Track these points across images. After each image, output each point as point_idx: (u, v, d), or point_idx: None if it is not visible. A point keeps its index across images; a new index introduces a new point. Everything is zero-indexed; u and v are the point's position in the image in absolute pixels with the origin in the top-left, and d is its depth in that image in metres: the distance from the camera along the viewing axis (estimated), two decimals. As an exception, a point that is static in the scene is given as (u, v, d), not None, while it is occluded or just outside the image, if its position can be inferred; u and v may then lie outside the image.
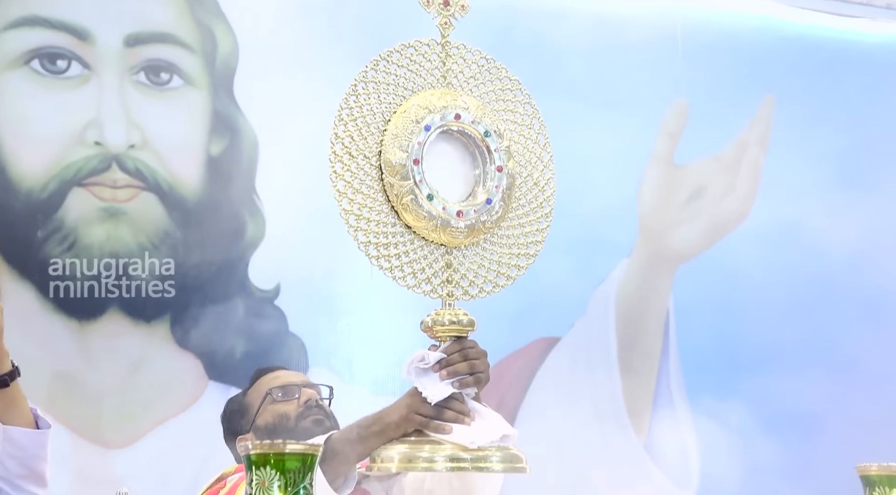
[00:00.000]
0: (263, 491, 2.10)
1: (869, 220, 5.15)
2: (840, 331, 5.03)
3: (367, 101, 2.51)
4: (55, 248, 4.17)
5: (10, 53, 4.22)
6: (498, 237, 2.61)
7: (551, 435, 4.52)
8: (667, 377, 4.89)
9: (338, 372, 3.91)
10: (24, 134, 4.19)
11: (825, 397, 4.91)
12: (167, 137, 4.35)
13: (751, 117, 5.16)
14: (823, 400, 4.91)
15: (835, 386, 4.95)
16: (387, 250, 2.49)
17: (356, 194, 2.48)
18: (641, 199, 4.99)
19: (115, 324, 4.22)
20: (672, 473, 4.82)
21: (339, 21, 4.47)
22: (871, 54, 5.35)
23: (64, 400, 4.09)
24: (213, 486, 3.11)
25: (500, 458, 2.52)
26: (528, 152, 2.66)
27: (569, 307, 4.77)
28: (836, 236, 5.08)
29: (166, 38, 4.39)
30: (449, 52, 2.59)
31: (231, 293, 4.35)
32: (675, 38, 5.02)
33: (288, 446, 2.12)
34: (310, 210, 3.81)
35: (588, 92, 4.74)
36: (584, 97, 4.70)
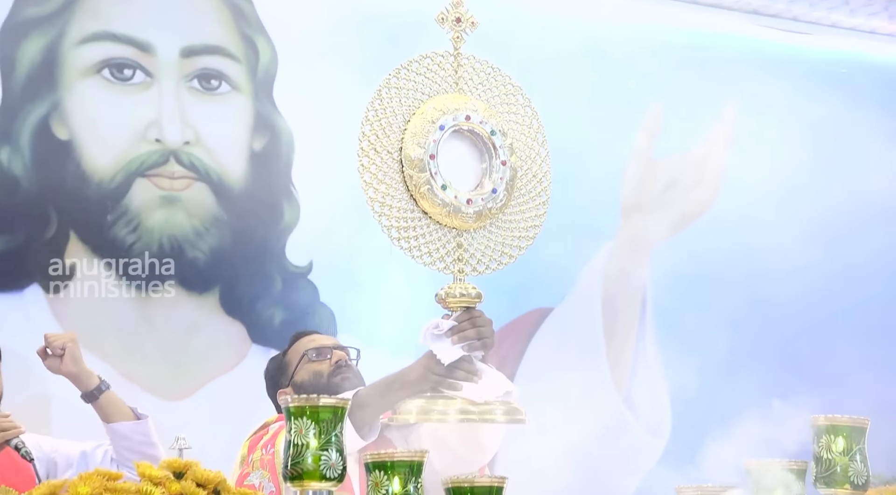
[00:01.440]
0: (301, 438, 2.11)
1: (818, 208, 5.14)
2: (787, 300, 5.02)
3: (390, 104, 2.53)
4: (122, 230, 4.17)
5: (85, 64, 4.21)
6: (502, 222, 2.63)
7: (544, 392, 4.50)
8: (644, 341, 4.89)
9: (362, 337, 3.90)
10: (95, 133, 4.18)
11: (775, 358, 4.92)
12: (216, 135, 4.34)
13: (717, 119, 5.14)
14: (773, 361, 4.91)
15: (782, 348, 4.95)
16: (406, 233, 2.51)
17: (380, 184, 2.50)
18: (623, 190, 4.98)
19: (172, 295, 4.22)
20: (648, 424, 4.82)
21: (365, 34, 4.46)
22: (819, 65, 5.33)
23: (130, 360, 4.10)
24: (257, 433, 3.11)
25: (503, 411, 2.56)
26: (527, 149, 2.67)
27: (561, 282, 4.76)
28: (790, 222, 5.08)
29: (216, 50, 4.38)
30: (460, 62, 2.61)
31: (270, 269, 4.35)
32: (654, 51, 5.01)
33: (321, 400, 2.14)
34: (339, 197, 3.80)
35: (577, 96, 4.72)
36: (574, 100, 4.67)
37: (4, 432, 3.00)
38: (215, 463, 2.15)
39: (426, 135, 2.52)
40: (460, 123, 2.56)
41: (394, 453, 2.17)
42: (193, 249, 4.26)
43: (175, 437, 2.29)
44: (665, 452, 4.76)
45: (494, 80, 2.65)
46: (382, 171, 2.49)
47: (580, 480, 4.52)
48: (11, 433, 3.01)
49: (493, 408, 2.55)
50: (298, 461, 2.10)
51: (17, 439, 3.03)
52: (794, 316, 5.04)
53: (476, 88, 2.62)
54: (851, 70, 5.37)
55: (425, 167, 2.50)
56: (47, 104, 4.15)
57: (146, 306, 4.19)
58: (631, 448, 4.75)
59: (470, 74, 2.62)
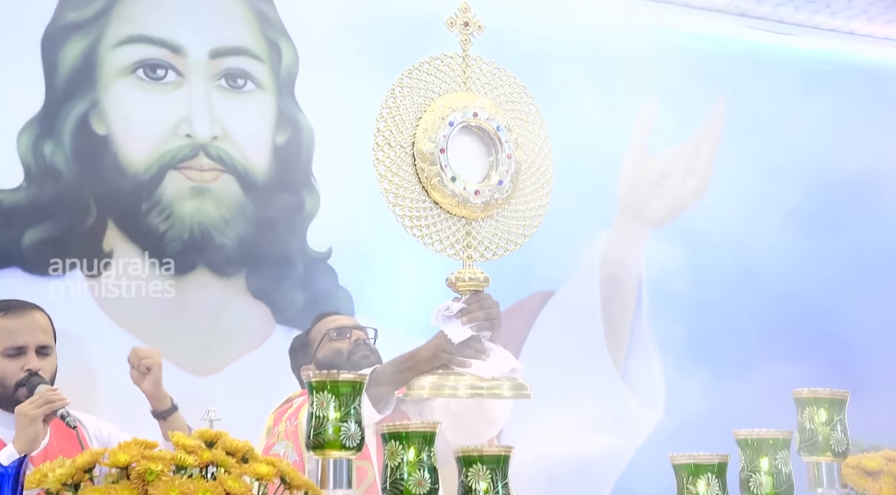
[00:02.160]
0: (322, 410, 2.13)
1: (800, 196, 5.15)
2: (772, 279, 5.02)
3: (403, 102, 2.54)
4: (156, 218, 4.17)
5: (121, 65, 4.21)
6: (508, 211, 2.63)
7: (548, 369, 4.51)
8: (640, 322, 4.88)
9: (378, 317, 3.91)
10: (131, 128, 4.18)
11: (760, 336, 4.92)
12: (242, 130, 4.34)
13: (707, 114, 5.13)
14: (758, 338, 4.91)
15: (767, 326, 4.95)
16: (419, 222, 2.52)
17: (394, 177, 2.50)
18: (620, 180, 4.97)
19: (202, 278, 4.22)
20: (643, 397, 4.80)
21: (379, 37, 4.45)
22: (802, 64, 5.32)
23: (164, 339, 4.08)
24: (282, 406, 3.14)
25: (509, 386, 2.57)
26: (531, 143, 2.68)
27: (562, 266, 4.75)
28: (774, 209, 5.08)
29: (242, 51, 4.38)
30: (468, 63, 2.62)
31: (292, 255, 4.34)
32: (648, 51, 4.99)
33: (341, 375, 2.16)
34: (356, 188, 3.81)
35: (577, 94, 4.70)
36: (575, 97, 4.66)
37: (51, 404, 3.00)
38: (243, 434, 2.15)
39: (437, 131, 2.52)
40: (468, 120, 2.57)
41: (409, 424, 2.18)
42: (221, 236, 4.25)
43: (206, 410, 2.29)
44: (658, 423, 4.74)
45: (500, 80, 2.66)
46: (396, 164, 2.50)
47: (580, 449, 4.56)
48: (58, 404, 3.01)
49: (500, 384, 2.55)
50: (320, 431, 2.11)
51: (63, 409, 3.03)
52: (777, 294, 5.04)
53: (483, 87, 2.63)
54: (833, 68, 5.36)
55: (436, 160, 2.51)
56: (87, 102, 4.15)
57: (178, 288, 4.18)
58: (627, 419, 4.74)
59: (477, 74, 2.63)
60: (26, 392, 3.09)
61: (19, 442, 2.95)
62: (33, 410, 2.98)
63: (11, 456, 2.84)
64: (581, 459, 4.60)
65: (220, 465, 2.01)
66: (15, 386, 3.12)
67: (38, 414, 2.98)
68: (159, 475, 1.94)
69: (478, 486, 2.11)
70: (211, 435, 2.08)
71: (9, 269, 3.97)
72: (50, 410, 3.00)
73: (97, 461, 2.00)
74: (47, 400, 3.00)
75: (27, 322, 3.19)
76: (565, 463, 4.54)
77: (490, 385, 2.54)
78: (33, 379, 3.11)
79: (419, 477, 2.12)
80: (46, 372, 3.16)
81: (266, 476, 2.04)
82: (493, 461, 2.14)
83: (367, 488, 2.89)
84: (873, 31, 5.41)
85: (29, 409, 2.98)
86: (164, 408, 3.31)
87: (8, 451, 2.91)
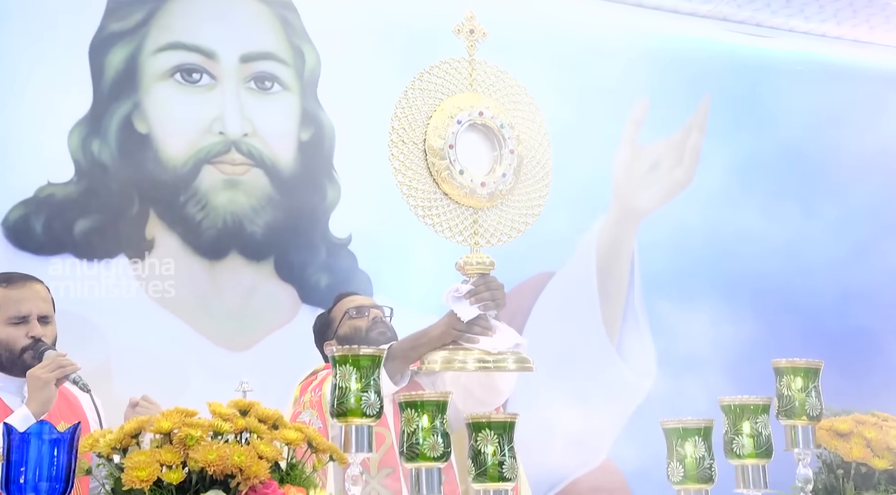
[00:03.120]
0: (344, 382, 2.14)
1: (777, 184, 5.14)
2: (753, 260, 5.02)
3: (415, 102, 2.55)
4: (192, 209, 4.17)
5: (160, 70, 4.22)
6: (511, 201, 2.64)
7: (549, 344, 4.52)
8: (632, 300, 4.88)
9: (394, 297, 3.88)
10: (170, 127, 4.19)
11: (739, 310, 4.91)
12: (270, 128, 4.33)
13: (693, 110, 5.12)
14: (743, 309, 4.90)
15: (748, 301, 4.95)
16: (430, 211, 2.53)
17: (407, 170, 2.51)
18: (614, 171, 4.95)
19: (235, 263, 4.22)
20: (636, 369, 4.81)
21: (394, 42, 4.44)
22: (778, 63, 5.30)
23: (201, 318, 4.12)
24: (307, 378, 3.15)
25: (514, 360, 2.58)
26: (532, 140, 2.68)
27: (562, 250, 4.74)
28: (754, 196, 5.08)
29: (269, 56, 4.37)
30: (474, 67, 2.62)
31: (316, 241, 4.34)
32: (639, 53, 4.97)
33: (362, 350, 2.17)
34: (374, 180, 3.80)
35: (575, 92, 4.68)
36: (572, 95, 4.63)
37: (63, 368, 2.91)
38: (273, 403, 2.17)
39: (446, 129, 2.53)
40: (475, 118, 2.58)
41: (423, 394, 2.20)
42: (251, 224, 4.25)
43: (239, 381, 2.30)
44: (650, 392, 4.74)
45: (503, 82, 2.66)
46: (409, 159, 2.51)
47: (578, 416, 4.57)
48: (70, 369, 2.92)
49: (505, 358, 2.56)
50: (343, 401, 2.13)
51: (75, 374, 2.94)
52: (759, 273, 5.04)
53: (488, 89, 2.64)
54: (806, 67, 5.35)
55: (445, 155, 2.52)
56: (130, 104, 4.15)
57: (213, 272, 4.18)
58: (621, 389, 4.74)
59: (483, 77, 2.63)
60: (32, 355, 3.00)
61: (33, 403, 2.86)
62: (46, 374, 2.88)
63: (27, 416, 2.78)
64: (579, 424, 4.60)
65: (253, 431, 2.03)
66: (20, 351, 3.03)
67: (51, 378, 2.88)
68: (199, 440, 1.96)
69: (486, 449, 2.12)
70: (244, 404, 2.11)
71: (62, 255, 3.97)
72: (62, 374, 2.91)
73: (143, 428, 2.02)
74: (59, 365, 2.91)
75: (28, 292, 3.10)
76: (565, 428, 4.54)
77: (496, 359, 2.55)
78: (39, 345, 3.03)
79: (433, 442, 2.12)
80: (48, 339, 3.08)
81: (294, 441, 2.06)
82: (500, 427, 2.14)
83: (386, 452, 2.90)
84: (843, 33, 5.40)
85: (42, 373, 2.89)
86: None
87: (22, 412, 2.83)
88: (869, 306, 5.17)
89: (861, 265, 5.17)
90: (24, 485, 1.92)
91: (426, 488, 2.12)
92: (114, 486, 1.98)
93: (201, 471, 1.93)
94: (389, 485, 2.87)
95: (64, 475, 1.95)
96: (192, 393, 3.63)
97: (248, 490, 1.94)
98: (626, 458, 4.62)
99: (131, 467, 1.93)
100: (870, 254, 5.18)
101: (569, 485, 4.60)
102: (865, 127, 5.34)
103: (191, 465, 1.94)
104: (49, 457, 1.94)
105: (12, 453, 1.93)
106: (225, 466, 1.92)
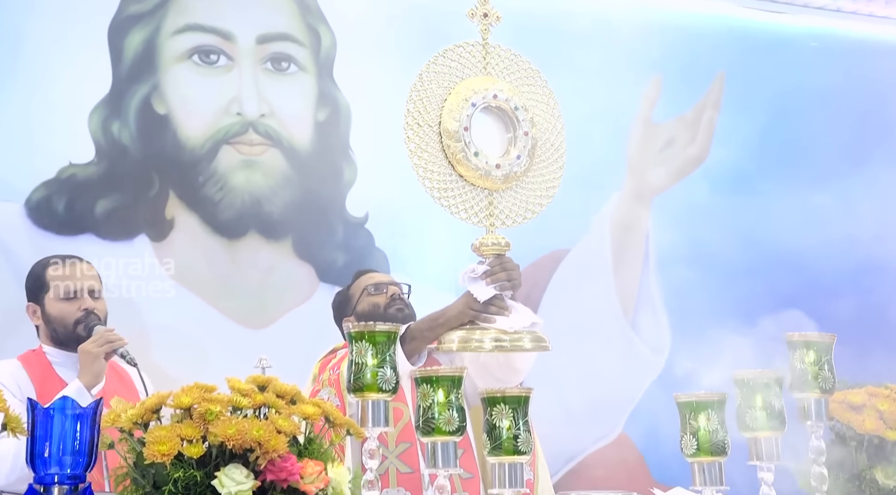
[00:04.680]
0: (361, 358, 2.17)
1: (791, 158, 5.13)
2: (767, 237, 5.00)
3: (430, 86, 2.56)
4: (211, 189, 4.20)
5: (178, 51, 4.23)
6: (525, 183, 2.65)
7: (565, 320, 4.52)
8: (647, 276, 4.87)
9: (411, 274, 3.90)
10: (188, 108, 4.21)
11: (761, 283, 4.92)
12: (287, 109, 4.34)
13: (707, 87, 5.09)
14: (758, 286, 4.91)
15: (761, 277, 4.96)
16: (445, 193, 2.54)
17: (423, 153, 2.52)
18: (629, 149, 4.94)
19: (253, 242, 4.24)
20: (651, 344, 4.81)
21: (409, 24, 4.44)
22: (793, 39, 5.26)
23: (221, 296, 4.15)
24: (326, 356, 3.18)
25: (530, 339, 2.59)
26: (545, 122, 2.68)
27: (577, 227, 4.75)
28: (768, 172, 5.06)
29: (285, 37, 4.38)
30: (488, 51, 2.63)
31: (333, 220, 4.36)
32: (653, 30, 4.95)
33: (378, 326, 2.20)
34: (390, 160, 3.81)
35: (589, 70, 4.67)
36: (587, 74, 4.63)
37: (111, 343, 3.04)
38: (291, 380, 2.19)
39: (461, 111, 2.54)
40: (489, 101, 2.58)
41: (438, 369, 2.21)
42: (269, 204, 4.26)
43: (259, 358, 2.33)
44: (665, 367, 4.75)
45: (517, 65, 2.67)
46: (425, 142, 2.52)
47: (593, 391, 4.58)
48: (117, 344, 3.05)
49: (521, 337, 2.57)
50: (359, 376, 2.15)
51: (123, 348, 3.07)
52: (773, 249, 5.02)
53: (501, 72, 2.64)
54: (820, 43, 5.31)
55: (460, 138, 2.52)
56: (148, 85, 4.17)
57: (232, 251, 4.20)
58: (636, 364, 4.75)
59: (496, 60, 2.64)
60: (83, 329, 3.14)
61: (85, 376, 2.99)
62: (96, 348, 3.02)
63: (80, 389, 2.91)
64: (595, 400, 4.61)
65: (272, 406, 2.05)
66: (74, 324, 3.17)
67: (100, 352, 3.01)
68: (218, 415, 1.99)
69: (501, 424, 2.13)
70: (263, 380, 2.13)
71: (84, 236, 4.01)
72: (110, 348, 3.04)
73: (163, 403, 2.06)
74: (107, 340, 3.04)
75: (77, 270, 3.24)
76: (580, 402, 4.55)
77: (512, 338, 2.56)
78: (90, 318, 3.16)
79: (448, 416, 2.14)
80: (100, 312, 3.22)
81: (312, 416, 2.08)
82: (515, 401, 2.15)
83: (403, 427, 2.92)
84: (858, 8, 5.36)
85: (92, 347, 3.02)
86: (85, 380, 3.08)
87: (76, 385, 2.95)
88: (885, 281, 5.16)
89: (877, 240, 5.15)
90: (48, 459, 1.95)
91: (442, 462, 2.14)
92: (136, 460, 2.01)
93: (221, 446, 1.96)
94: (407, 460, 2.89)
95: (87, 449, 1.99)
96: (212, 369, 3.60)
97: (267, 464, 1.96)
98: (640, 432, 4.65)
99: (152, 441, 1.95)
100: (886, 230, 5.17)
101: (584, 459, 4.61)
102: (881, 102, 5.31)
103: (210, 440, 1.96)
104: (72, 432, 1.97)
105: (37, 428, 1.97)
106: (244, 440, 1.94)
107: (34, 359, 3.19)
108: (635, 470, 4.62)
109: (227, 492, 1.92)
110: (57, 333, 3.18)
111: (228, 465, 1.96)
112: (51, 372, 3.13)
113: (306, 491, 1.99)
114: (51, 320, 3.20)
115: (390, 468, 2.88)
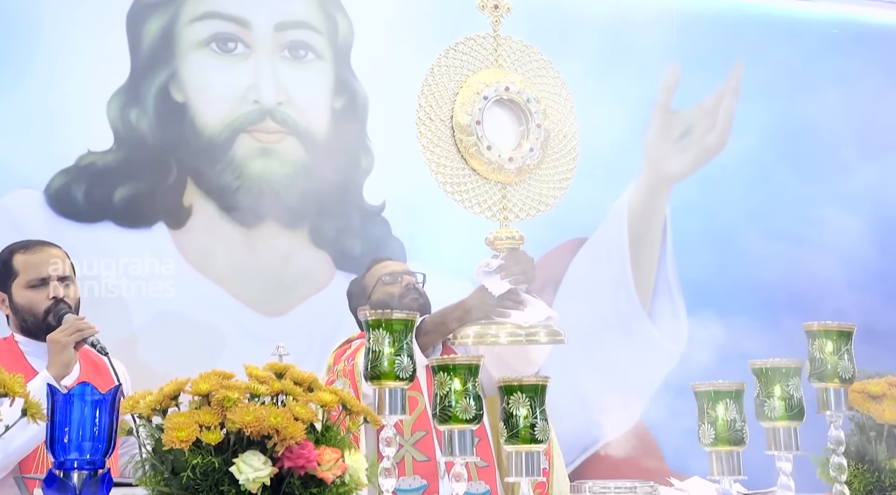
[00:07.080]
0: (377, 346, 2.18)
1: (810, 147, 5.10)
2: (785, 227, 4.99)
3: (442, 79, 2.56)
4: (228, 176, 4.22)
5: (196, 39, 4.26)
6: (539, 176, 2.66)
7: (582, 308, 4.52)
8: (664, 264, 4.88)
9: (427, 263, 3.88)
10: (206, 96, 4.23)
11: (780, 272, 4.92)
12: (304, 97, 4.36)
13: (726, 75, 5.07)
14: (777, 275, 4.91)
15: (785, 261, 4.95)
16: (458, 187, 2.56)
17: (435, 147, 2.53)
18: (647, 136, 4.93)
19: (270, 229, 4.26)
20: (668, 332, 4.81)
21: (425, 8, 4.43)
22: (813, 26, 5.23)
23: (238, 283, 4.18)
24: (341, 346, 3.19)
25: (545, 333, 2.60)
26: (558, 113, 2.69)
27: (594, 215, 4.74)
28: (787, 160, 5.04)
29: (303, 25, 4.39)
30: (499, 43, 2.63)
31: (350, 208, 4.37)
32: (672, 17, 4.93)
33: (395, 314, 2.21)
34: (407, 148, 3.81)
35: (607, 58, 4.67)
36: (605, 62, 4.63)
37: (81, 331, 2.93)
38: (308, 367, 2.20)
39: (473, 105, 2.54)
40: (501, 94, 2.58)
41: (455, 357, 2.22)
42: (287, 191, 4.27)
43: (276, 346, 2.33)
44: (682, 355, 4.74)
45: (528, 57, 2.66)
46: (437, 136, 2.52)
47: (611, 380, 4.59)
48: (88, 332, 2.94)
49: (537, 331, 2.58)
50: (376, 364, 2.16)
51: (93, 337, 2.96)
52: (792, 238, 4.99)
53: (513, 64, 2.64)
54: (841, 30, 5.28)
55: (473, 131, 2.53)
56: (166, 73, 4.20)
57: (250, 239, 4.22)
58: (654, 354, 4.74)
59: (508, 52, 2.63)
60: (53, 318, 3.02)
61: (53, 367, 2.89)
62: (65, 337, 2.91)
63: (47, 380, 2.80)
64: (612, 388, 4.61)
65: (289, 394, 2.06)
66: (44, 314, 3.05)
67: (69, 341, 2.90)
68: (236, 402, 1.99)
69: (518, 412, 2.13)
70: (280, 367, 2.14)
71: (102, 223, 4.05)
72: (80, 337, 2.93)
73: (182, 389, 2.07)
74: (77, 329, 2.93)
75: (46, 256, 3.10)
76: (597, 392, 4.55)
77: (528, 332, 2.57)
78: (60, 307, 3.05)
79: (465, 405, 2.15)
80: (71, 300, 3.09)
81: (329, 403, 2.08)
82: (532, 390, 2.16)
83: (419, 415, 2.94)
84: (879, -5, 5.35)
85: (60, 336, 2.91)
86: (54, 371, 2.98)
87: (42, 376, 2.87)
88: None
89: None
90: (67, 445, 1.97)
91: (459, 450, 2.15)
92: (154, 446, 2.03)
93: (239, 432, 1.97)
94: (423, 448, 2.92)
95: (106, 435, 2.00)
96: (230, 356, 3.69)
97: (285, 451, 1.97)
98: (658, 422, 4.65)
99: (171, 428, 1.96)
100: (906, 218, 5.16)
101: (601, 449, 4.61)
102: (902, 90, 5.29)
103: (228, 426, 1.97)
104: (91, 418, 1.99)
105: (56, 414, 1.99)
106: (262, 427, 1.95)
107: (5, 347, 3.07)
108: (652, 460, 4.62)
109: (245, 479, 1.94)
110: (27, 323, 3.07)
111: (246, 452, 1.97)
112: (23, 362, 3.01)
113: (324, 478, 1.99)
114: (19, 309, 3.07)
115: (406, 456, 2.90)
